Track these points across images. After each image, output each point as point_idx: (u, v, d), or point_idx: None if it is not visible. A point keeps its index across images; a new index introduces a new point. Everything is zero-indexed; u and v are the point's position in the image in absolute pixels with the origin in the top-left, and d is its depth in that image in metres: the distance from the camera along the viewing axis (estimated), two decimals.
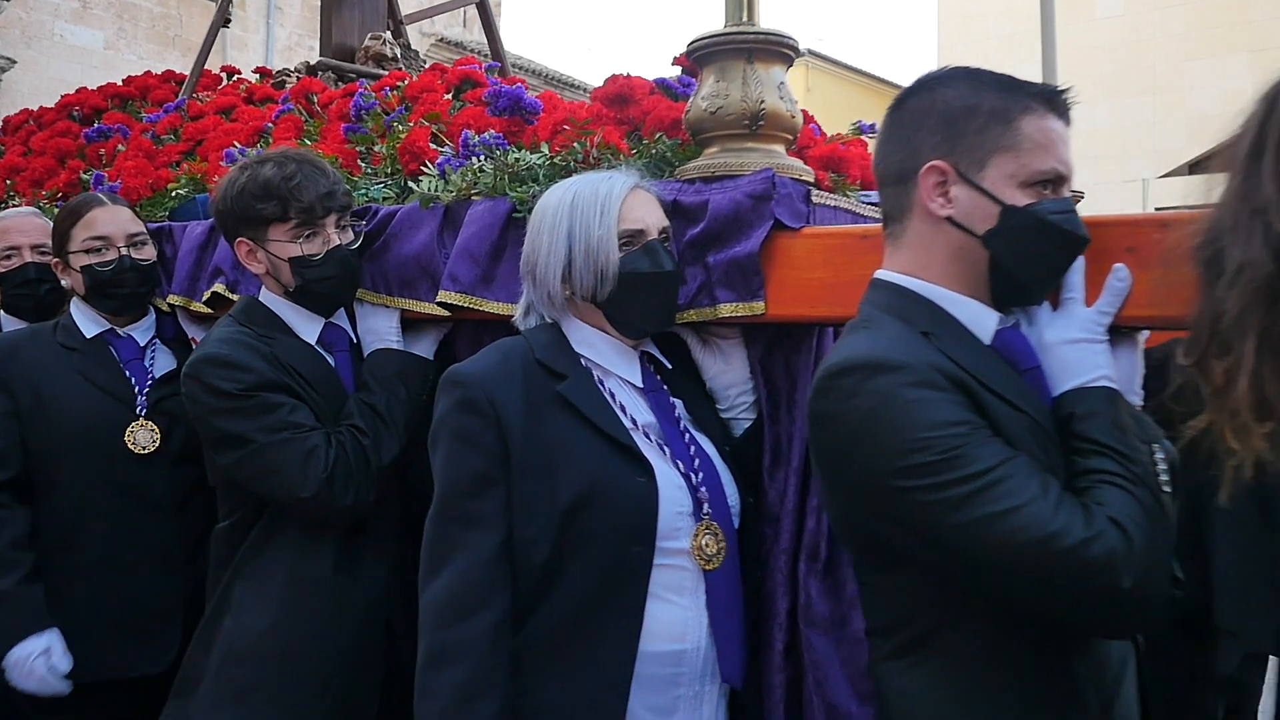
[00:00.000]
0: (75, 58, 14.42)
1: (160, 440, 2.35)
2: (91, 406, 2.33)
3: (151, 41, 15.17)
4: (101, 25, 15.06)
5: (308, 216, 1.98)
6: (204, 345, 1.97)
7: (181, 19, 15.46)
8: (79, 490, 2.31)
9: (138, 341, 2.46)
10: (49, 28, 14.56)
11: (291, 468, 1.86)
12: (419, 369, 2.08)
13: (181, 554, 2.37)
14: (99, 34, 14.97)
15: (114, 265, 2.38)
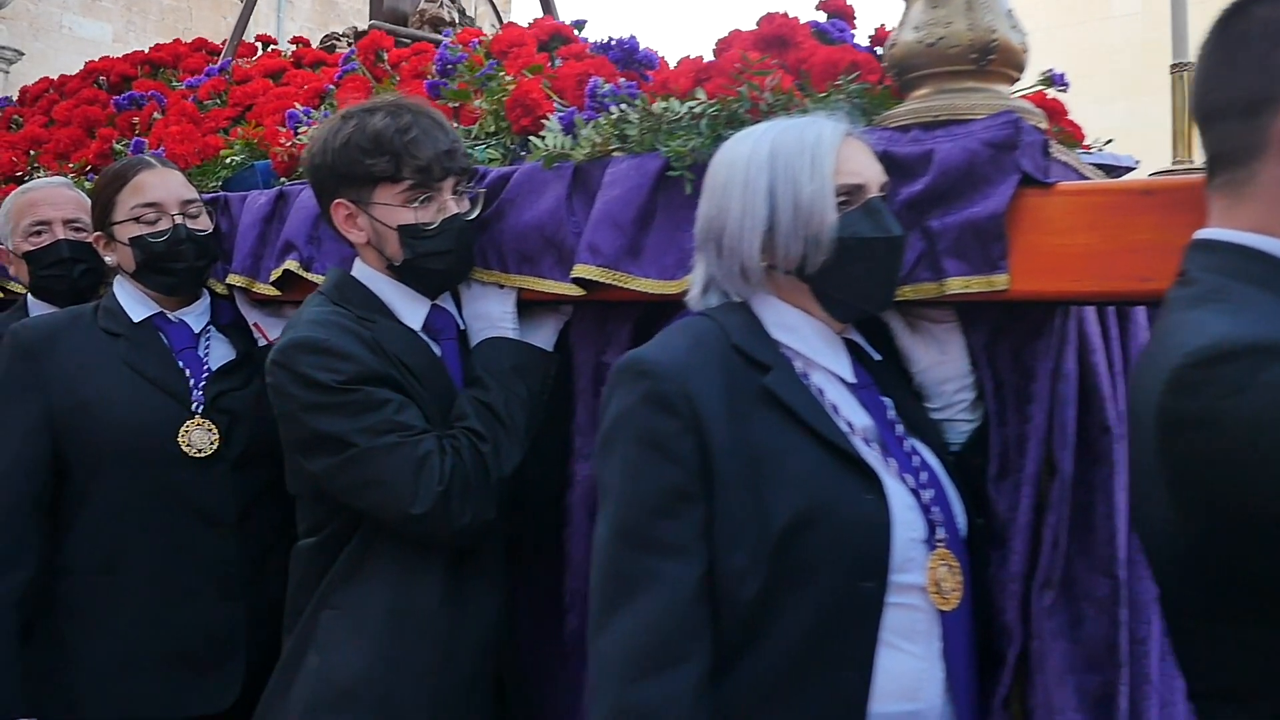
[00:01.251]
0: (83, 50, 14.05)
1: (219, 442, 2.01)
2: (140, 402, 1.99)
3: (160, 35, 14.80)
4: (110, 18, 14.77)
5: (424, 178, 1.64)
6: (294, 328, 1.63)
7: (191, 12, 15.18)
8: (124, 500, 1.97)
9: (191, 328, 2.12)
10: (57, 20, 14.30)
11: (400, 478, 1.53)
12: (539, 362, 1.74)
13: (242, 574, 2.03)
14: (107, 26, 14.68)
15: (168, 235, 2.04)
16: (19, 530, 1.92)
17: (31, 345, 1.99)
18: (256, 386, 2.12)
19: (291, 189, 2.11)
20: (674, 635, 1.20)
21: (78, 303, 2.40)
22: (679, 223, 1.59)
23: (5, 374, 1.99)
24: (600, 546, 1.27)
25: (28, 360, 1.98)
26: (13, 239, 2.40)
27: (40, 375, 1.97)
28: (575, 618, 1.73)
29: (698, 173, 1.55)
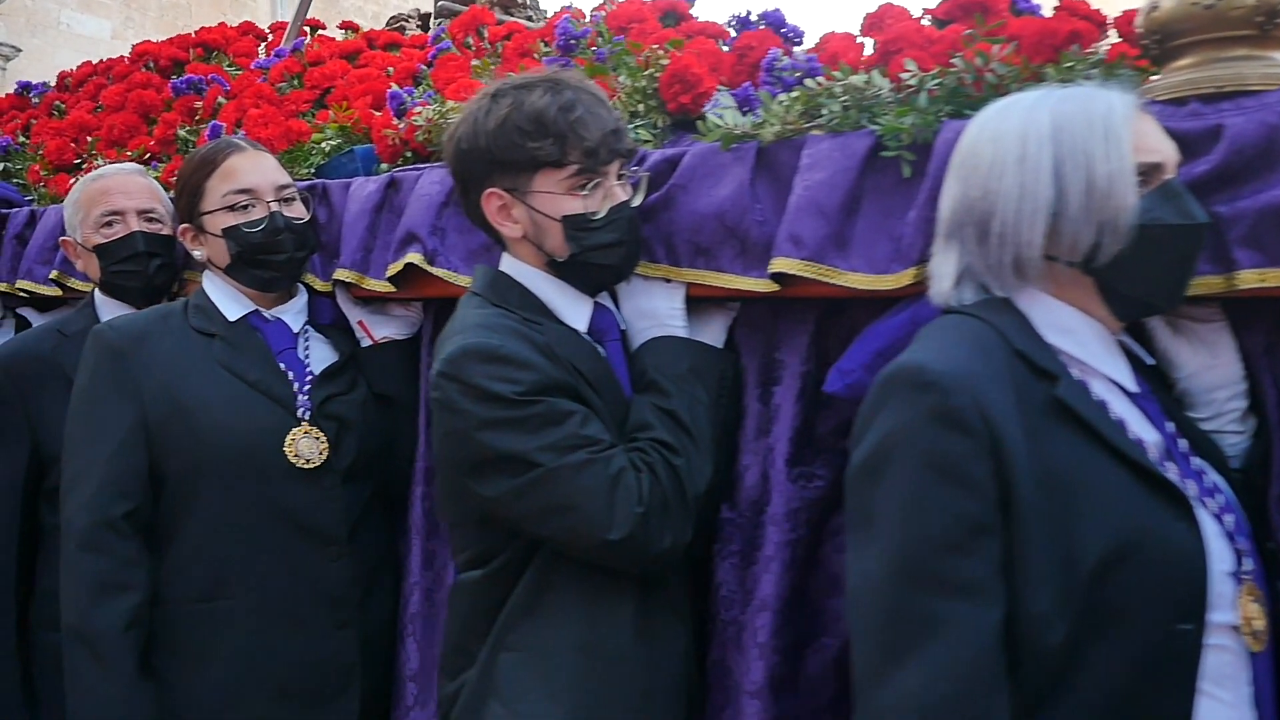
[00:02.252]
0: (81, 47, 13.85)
1: (327, 451, 1.81)
2: (242, 408, 1.78)
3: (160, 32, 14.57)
4: (108, 14, 14.50)
5: (591, 162, 1.44)
6: (461, 333, 1.42)
7: (191, 9, 14.91)
8: (226, 518, 1.76)
9: (289, 327, 1.92)
10: (54, 16, 14.05)
11: (593, 501, 1.33)
12: (715, 363, 1.55)
13: (354, 598, 1.84)
14: (105, 23, 14.42)
15: (264, 225, 1.83)
16: (121, 550, 1.72)
17: (121, 346, 1.78)
18: (363, 391, 1.93)
19: (404, 175, 1.91)
20: (974, 689, 1.01)
21: (152, 301, 2.19)
22: (890, 209, 1.41)
23: (92, 378, 1.79)
24: (872, 586, 1.07)
25: (117, 363, 1.78)
26: (81, 230, 2.19)
27: (132, 379, 1.77)
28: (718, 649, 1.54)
29: (916, 153, 1.37)
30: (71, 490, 1.75)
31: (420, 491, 1.92)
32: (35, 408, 2.09)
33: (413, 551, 1.91)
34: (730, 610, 1.49)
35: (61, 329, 2.17)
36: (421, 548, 1.91)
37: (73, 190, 2.23)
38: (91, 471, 1.73)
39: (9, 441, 2.09)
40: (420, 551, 1.91)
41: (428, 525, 1.92)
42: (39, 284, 2.50)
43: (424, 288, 1.87)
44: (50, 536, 2.11)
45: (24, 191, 2.79)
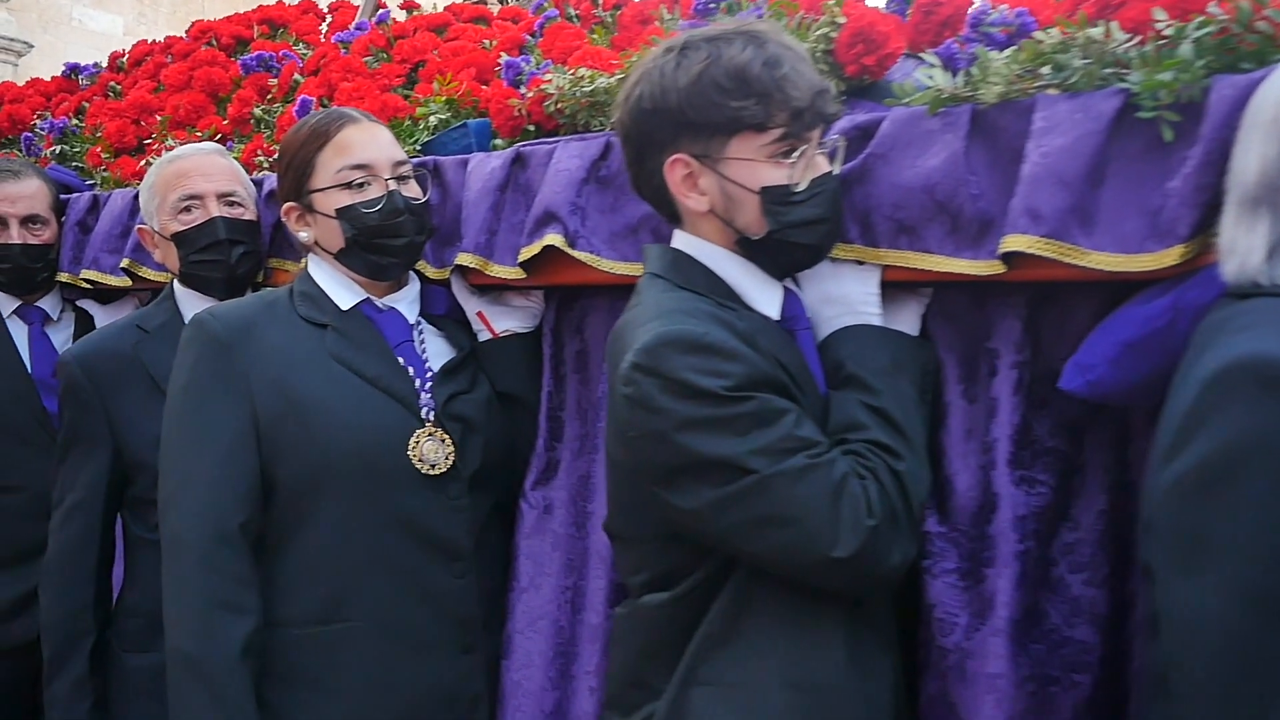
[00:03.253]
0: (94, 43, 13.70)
1: (453, 455, 1.63)
2: (362, 406, 1.60)
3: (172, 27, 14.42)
4: (121, 10, 14.34)
5: (797, 126, 1.26)
6: (658, 319, 1.23)
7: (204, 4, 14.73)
8: (345, 530, 1.57)
9: (404, 317, 1.73)
10: (67, 11, 13.92)
11: (816, 512, 1.15)
12: (917, 356, 1.37)
13: (479, 617, 1.65)
14: (118, 19, 14.26)
15: (382, 205, 1.65)
16: (236, 568, 1.53)
17: (226, 338, 1.60)
18: (485, 389, 1.74)
19: (532, 149, 1.73)
20: None
21: (235, 293, 2.01)
22: (1142, 178, 1.22)
23: (195, 373, 1.60)
24: (1214, 625, 0.89)
25: (223, 356, 1.59)
26: (159, 217, 2.00)
27: (240, 374, 1.58)
28: (935, 682, 1.35)
29: (1180, 113, 1.19)
30: (177, 500, 1.56)
31: (533, 521, 1.73)
32: (117, 410, 1.91)
33: (518, 573, 1.72)
34: (950, 635, 1.30)
35: (141, 324, 1.99)
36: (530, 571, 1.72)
37: (148, 173, 2.05)
38: (200, 478, 1.55)
39: (90, 447, 1.91)
40: (527, 576, 1.72)
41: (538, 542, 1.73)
42: (106, 274, 2.32)
43: (555, 274, 1.68)
44: (138, 550, 1.93)
45: (83, 176, 2.61)
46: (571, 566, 1.67)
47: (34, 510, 2.25)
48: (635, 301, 1.31)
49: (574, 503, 1.69)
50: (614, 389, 1.26)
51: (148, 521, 1.91)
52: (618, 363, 1.25)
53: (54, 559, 1.90)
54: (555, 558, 1.68)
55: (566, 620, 1.65)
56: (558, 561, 1.68)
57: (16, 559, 2.28)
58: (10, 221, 2.33)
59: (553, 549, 1.69)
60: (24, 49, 12.65)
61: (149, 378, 1.93)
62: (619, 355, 1.25)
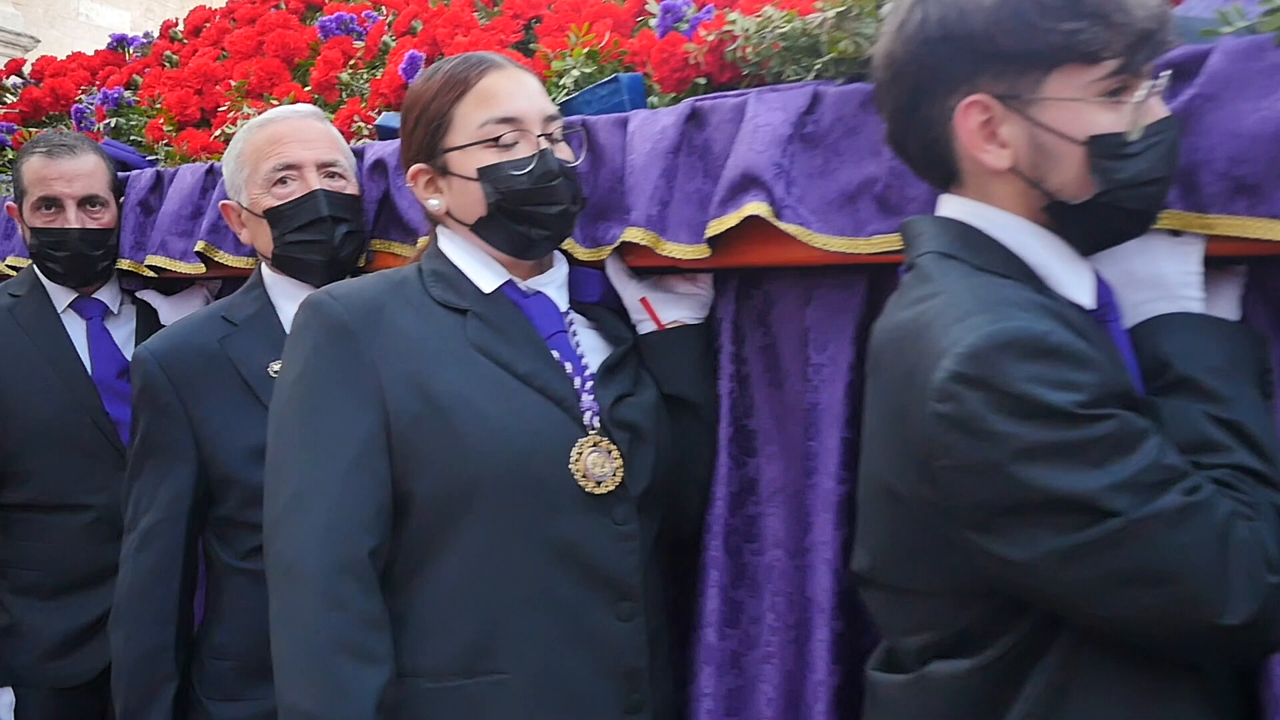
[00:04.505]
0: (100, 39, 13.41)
1: (622, 471, 1.35)
2: (516, 410, 1.31)
3: None
4: (128, 4, 14.11)
5: (1132, 59, 0.98)
6: (983, 312, 0.92)
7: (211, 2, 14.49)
8: (493, 558, 1.28)
9: (554, 304, 1.45)
10: (73, 7, 13.75)
11: (1202, 567, 0.86)
12: (1253, 351, 1.08)
13: (645, 668, 1.36)
14: (125, 14, 14.04)
15: (533, 166, 1.36)
16: (365, 605, 1.24)
17: (350, 322, 1.31)
18: (652, 392, 1.46)
19: (711, 103, 1.44)
20: None
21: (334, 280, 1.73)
22: None
23: (313, 363, 1.31)
24: None
25: (348, 345, 1.30)
26: (248, 190, 1.72)
27: (369, 367, 1.29)
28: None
29: None
30: (290, 521, 1.27)
31: (720, 533, 1.45)
32: (201, 416, 1.63)
33: (708, 607, 1.43)
34: None
35: (228, 315, 1.71)
36: (723, 602, 1.44)
37: (233, 141, 1.77)
38: (321, 494, 1.26)
39: (169, 459, 1.63)
40: (721, 607, 1.43)
41: (732, 569, 1.45)
42: (175, 260, 2.04)
43: (740, 252, 1.40)
44: (225, 580, 1.65)
45: (142, 152, 2.33)
46: (784, 610, 1.39)
47: (100, 532, 2.00)
48: (923, 290, 1.01)
49: (786, 532, 1.41)
50: (909, 405, 0.96)
51: (237, 547, 1.64)
52: (912, 371, 0.96)
53: (128, 591, 1.62)
54: (759, 600, 1.40)
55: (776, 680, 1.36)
56: (765, 605, 1.40)
57: (80, 584, 2.01)
58: (66, 203, 2.05)
59: (755, 588, 1.41)
60: (30, 44, 12.44)
61: (238, 378, 1.65)
62: (915, 361, 0.96)
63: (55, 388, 2.03)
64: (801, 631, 1.35)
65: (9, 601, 2.03)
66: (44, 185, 2.04)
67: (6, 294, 2.12)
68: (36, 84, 2.93)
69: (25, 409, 2.03)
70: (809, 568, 1.35)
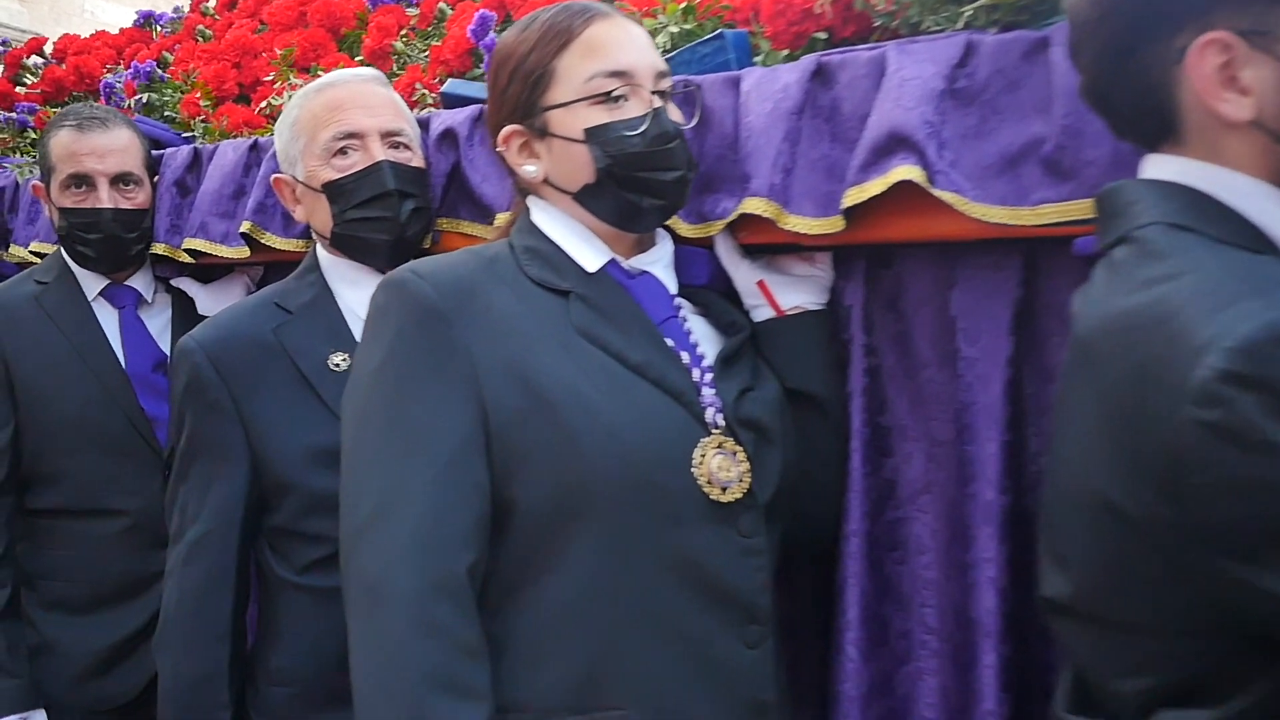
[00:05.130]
0: None
1: (749, 476, 1.17)
2: (631, 404, 1.13)
3: None
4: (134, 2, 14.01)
5: None
6: (1250, 297, 0.73)
7: None
8: (607, 576, 1.11)
9: (663, 285, 1.28)
10: (79, 4, 13.62)
11: None
12: None
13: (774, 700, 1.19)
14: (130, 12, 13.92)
15: (646, 127, 1.19)
16: (460, 632, 1.07)
17: (441, 303, 1.13)
18: (774, 387, 1.29)
19: (840, 58, 1.27)
20: None
21: (398, 263, 1.56)
22: None
23: (398, 350, 1.13)
24: None
25: (437, 327, 1.13)
26: (304, 162, 1.55)
27: (463, 353, 1.12)
28: None
29: None
30: (374, 532, 1.10)
31: (858, 543, 1.27)
32: (255, 413, 1.46)
33: (850, 627, 1.26)
34: None
35: (281, 302, 1.54)
36: (867, 620, 1.27)
37: (287, 108, 1.60)
38: (411, 501, 1.09)
39: (219, 462, 1.46)
40: (866, 625, 1.26)
41: (875, 583, 1.28)
42: (216, 244, 1.87)
43: (877, 226, 1.23)
44: (281, 596, 1.48)
45: (176, 129, 2.17)
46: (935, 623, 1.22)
47: (136, 540, 1.84)
48: (1156, 269, 0.83)
49: (932, 538, 1.24)
50: (1145, 409, 0.78)
51: (295, 560, 1.47)
52: (1150, 368, 0.78)
53: (175, 610, 1.45)
54: (907, 614, 1.23)
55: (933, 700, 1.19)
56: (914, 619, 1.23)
57: (115, 597, 1.86)
58: (98, 181, 1.88)
59: (901, 601, 1.24)
60: None
61: (295, 371, 1.48)
62: (1156, 356, 0.78)
63: (86, 381, 1.87)
64: (964, 655, 1.18)
65: (38, 617, 1.86)
66: (74, 161, 1.87)
67: (32, 280, 1.96)
68: (59, 63, 2.77)
69: (53, 405, 1.86)
70: (972, 586, 1.18)
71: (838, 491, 1.31)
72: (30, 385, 1.86)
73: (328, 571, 1.42)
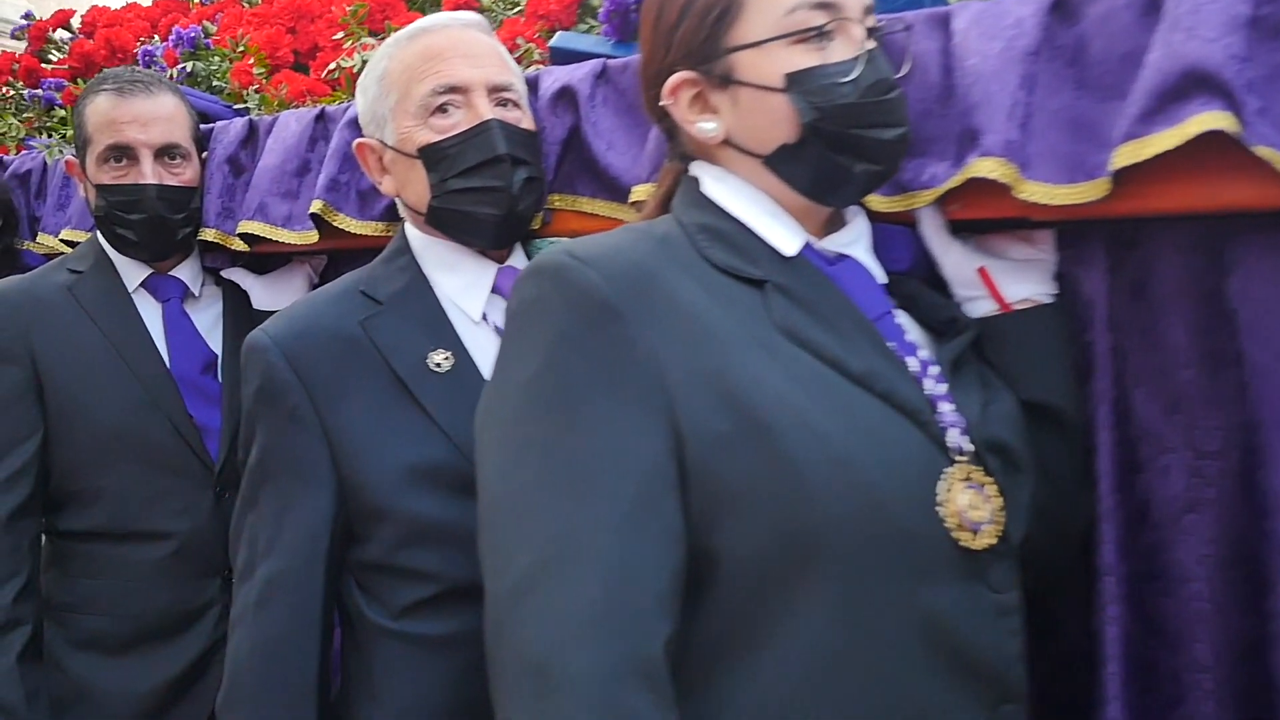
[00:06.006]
0: None
1: (1002, 513, 0.92)
2: (860, 427, 0.88)
3: None
4: None
5: None
6: None
7: None
8: (836, 647, 0.86)
9: (870, 274, 1.03)
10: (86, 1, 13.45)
11: None
12: None
13: None
14: None
15: (859, 72, 0.95)
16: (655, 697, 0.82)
17: (613, 297, 0.88)
18: (1009, 399, 1.04)
19: None
20: None
21: (508, 242, 1.32)
22: None
23: (559, 357, 0.88)
24: None
25: (611, 329, 0.88)
26: (395, 122, 1.29)
27: (648, 362, 0.87)
28: None
29: None
30: (539, 596, 0.83)
31: (1118, 575, 1.02)
32: (341, 424, 1.20)
33: (1113, 680, 1.01)
34: None
35: (369, 291, 1.28)
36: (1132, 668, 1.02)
37: (373, 60, 1.34)
38: (588, 556, 0.83)
39: (300, 482, 1.20)
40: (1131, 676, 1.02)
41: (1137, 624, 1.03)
42: (276, 227, 1.62)
43: (1139, 195, 0.97)
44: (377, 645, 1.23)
45: (227, 100, 1.92)
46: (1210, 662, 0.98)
47: (183, 567, 1.61)
48: None
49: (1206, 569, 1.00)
50: None
51: (390, 602, 1.22)
52: None
53: (247, 662, 1.20)
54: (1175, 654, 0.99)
55: None
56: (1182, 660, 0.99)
57: (158, 634, 1.61)
58: (141, 153, 1.63)
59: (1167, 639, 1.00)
60: None
61: (389, 373, 1.23)
62: None
63: (126, 385, 1.62)
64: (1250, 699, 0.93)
65: (68, 659, 1.61)
66: (113, 130, 1.62)
67: (65, 269, 1.70)
68: (88, 37, 2.53)
69: (89, 412, 1.61)
70: (1273, 639, 0.93)
71: (1077, 529, 1.05)
72: (62, 389, 1.61)
73: (432, 616, 1.19)
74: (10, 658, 1.55)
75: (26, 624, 1.58)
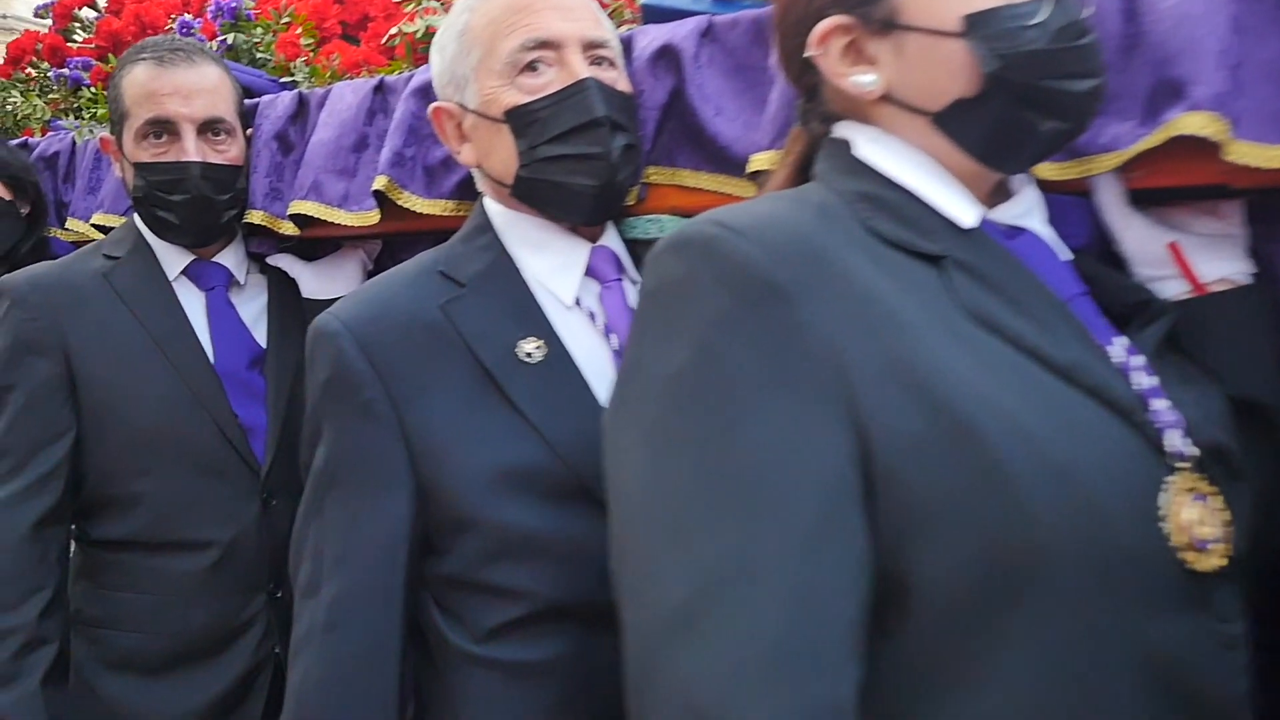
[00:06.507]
0: None
1: (1231, 528, 0.78)
2: (1071, 430, 0.74)
3: None
4: None
5: None
6: None
7: None
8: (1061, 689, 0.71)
9: (1052, 250, 0.89)
10: None
11: None
12: None
13: None
14: None
15: (1048, 15, 0.81)
16: None
17: (778, 275, 0.74)
18: (1218, 394, 0.89)
19: None
20: None
21: (604, 217, 1.18)
22: None
23: (714, 345, 0.73)
24: None
25: (778, 313, 0.73)
26: (477, 82, 1.15)
27: (825, 351, 0.72)
28: None
29: None
30: (700, 632, 0.68)
31: None
32: (421, 420, 1.06)
33: None
34: None
35: (448, 271, 1.13)
36: None
37: (453, 15, 1.20)
38: (760, 585, 0.68)
39: (373, 487, 1.06)
40: None
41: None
42: (332, 208, 1.48)
43: None
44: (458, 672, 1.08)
45: (272, 74, 1.79)
46: None
47: (225, 580, 1.47)
48: None
49: None
50: None
51: (475, 624, 1.08)
52: None
53: (316, 691, 1.05)
54: None
55: None
56: None
57: (200, 652, 1.48)
58: (183, 128, 1.50)
59: None
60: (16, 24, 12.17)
61: (473, 363, 1.08)
62: None
63: (167, 380, 1.48)
64: None
65: (100, 679, 1.47)
66: (153, 103, 1.49)
67: (100, 255, 1.57)
68: (115, 14, 2.40)
69: (126, 410, 1.47)
70: None
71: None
72: (98, 384, 1.48)
73: (523, 640, 1.05)
74: (34, 680, 1.41)
75: (53, 642, 1.44)
